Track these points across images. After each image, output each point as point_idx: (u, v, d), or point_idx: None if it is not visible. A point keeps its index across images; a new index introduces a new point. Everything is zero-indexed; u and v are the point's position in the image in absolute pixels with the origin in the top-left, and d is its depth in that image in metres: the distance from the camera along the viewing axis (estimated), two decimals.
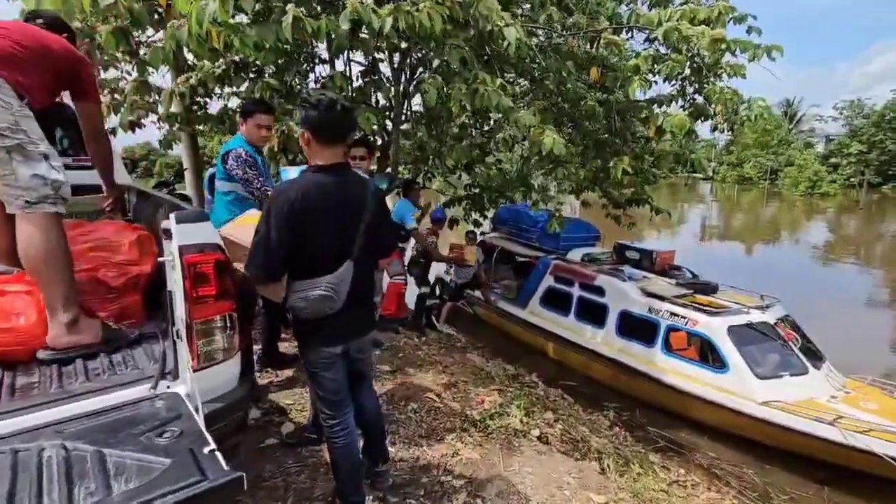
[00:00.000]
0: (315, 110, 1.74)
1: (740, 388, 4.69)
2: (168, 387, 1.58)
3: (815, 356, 5.19)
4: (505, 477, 2.58)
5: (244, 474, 1.15)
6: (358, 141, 4.25)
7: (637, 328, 5.66)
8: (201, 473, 1.11)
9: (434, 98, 3.44)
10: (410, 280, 5.68)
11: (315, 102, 1.75)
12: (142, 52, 4.23)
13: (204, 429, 1.32)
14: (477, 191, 7.38)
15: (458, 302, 7.98)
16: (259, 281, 1.75)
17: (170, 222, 1.51)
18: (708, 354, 5.20)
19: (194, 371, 1.58)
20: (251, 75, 4.70)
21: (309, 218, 1.73)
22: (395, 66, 5.57)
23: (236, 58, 4.54)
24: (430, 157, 5.29)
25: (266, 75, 4.91)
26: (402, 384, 3.47)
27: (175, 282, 1.53)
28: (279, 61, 4.58)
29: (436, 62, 4.39)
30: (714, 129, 5.70)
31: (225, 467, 1.16)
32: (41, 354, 1.64)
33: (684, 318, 5.19)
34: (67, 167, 2.83)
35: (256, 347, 3.72)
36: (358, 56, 6.14)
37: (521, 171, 7.71)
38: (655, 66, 4.66)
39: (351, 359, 2.01)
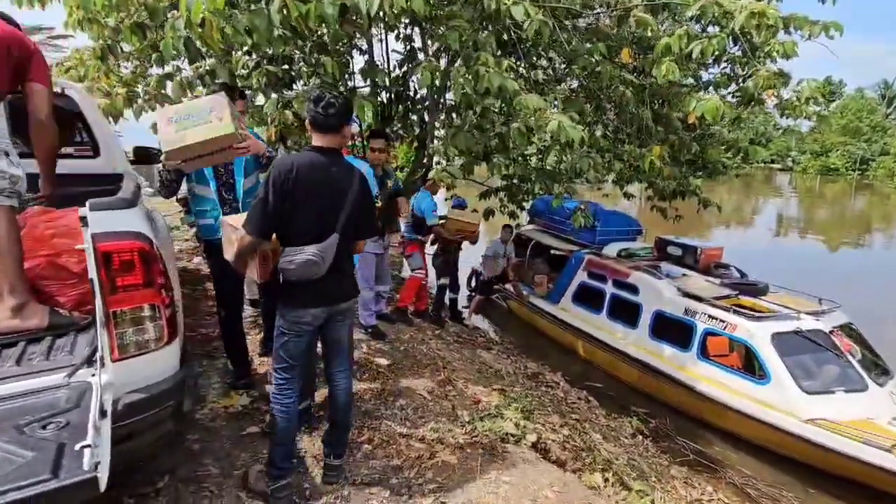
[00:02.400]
0: (309, 103, 2.02)
1: (783, 402, 4.21)
2: (93, 375, 1.57)
3: (880, 371, 4.57)
4: (478, 485, 2.43)
5: (98, 475, 1.10)
6: (376, 132, 4.19)
7: (672, 330, 5.25)
8: (53, 472, 1.07)
9: (427, 80, 3.29)
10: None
11: (312, 98, 2.02)
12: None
13: (94, 422, 1.29)
14: (515, 181, 7.14)
15: (489, 296, 7.81)
16: (252, 237, 1.95)
17: (85, 209, 1.48)
18: (749, 363, 4.72)
19: (115, 361, 1.57)
20: (283, 67, 4.74)
21: (299, 189, 1.93)
22: (430, 53, 5.44)
23: (269, 50, 4.57)
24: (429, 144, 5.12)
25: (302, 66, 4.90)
26: (396, 380, 3.38)
27: (91, 269, 1.51)
28: (317, 54, 4.55)
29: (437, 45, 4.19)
30: (782, 114, 5.14)
31: (85, 467, 1.11)
32: None
33: (723, 321, 4.73)
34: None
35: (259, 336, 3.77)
36: (399, 45, 6.09)
37: (559, 162, 7.36)
38: (690, 45, 4.19)
39: (332, 323, 2.15)
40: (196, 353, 3.66)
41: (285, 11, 2.95)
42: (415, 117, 7.00)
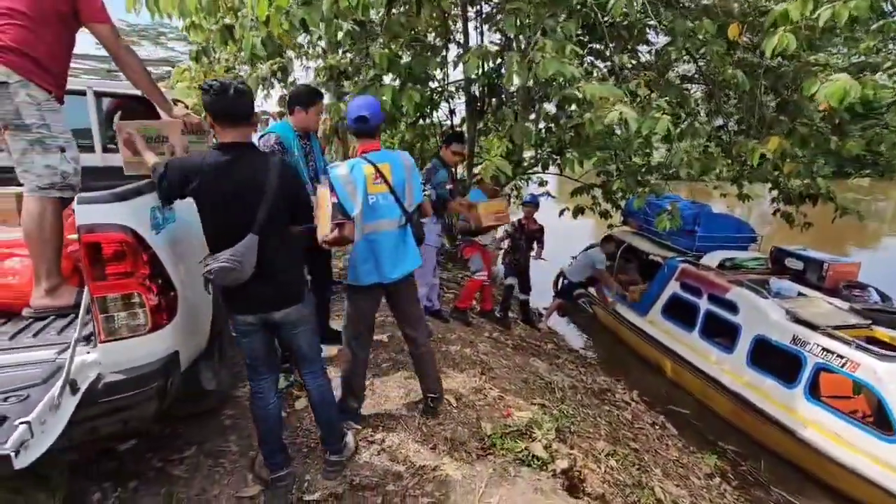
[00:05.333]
0: (208, 95, 1.83)
1: None
2: (88, 352, 1.73)
3: None
4: None
5: (11, 454, 1.17)
6: (453, 136, 4.02)
7: (775, 360, 4.43)
8: None
9: (474, 67, 3.11)
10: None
11: (207, 88, 1.84)
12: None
13: (52, 400, 1.40)
14: (612, 177, 6.62)
15: (569, 300, 7.35)
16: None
17: (74, 203, 1.62)
18: (880, 412, 3.79)
19: (102, 342, 1.70)
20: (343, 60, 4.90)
21: (202, 190, 1.84)
22: (525, 43, 5.24)
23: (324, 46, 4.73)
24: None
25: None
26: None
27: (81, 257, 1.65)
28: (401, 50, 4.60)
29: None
30: None
31: (8, 443, 1.19)
32: (25, 311, 1.96)
33: (841, 357, 3.85)
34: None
35: None
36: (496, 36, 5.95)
37: (673, 155, 6.65)
38: (818, 11, 3.38)
39: (284, 330, 2.08)
40: None
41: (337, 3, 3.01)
42: (508, 110, 6.80)
